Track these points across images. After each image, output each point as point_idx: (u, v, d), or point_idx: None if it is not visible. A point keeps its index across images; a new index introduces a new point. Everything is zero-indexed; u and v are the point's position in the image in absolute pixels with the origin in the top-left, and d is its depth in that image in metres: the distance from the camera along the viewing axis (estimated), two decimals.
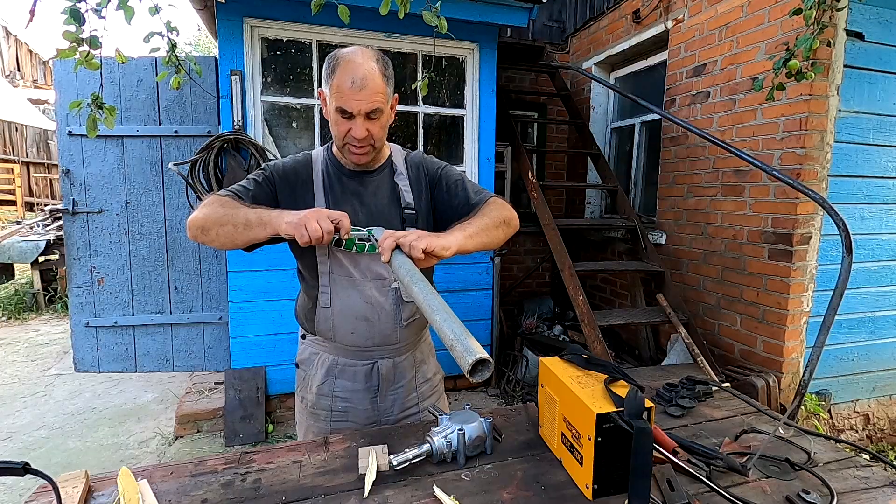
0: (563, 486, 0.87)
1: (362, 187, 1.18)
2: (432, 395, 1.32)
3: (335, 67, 1.05)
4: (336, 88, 1.05)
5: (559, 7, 4.59)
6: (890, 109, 2.52)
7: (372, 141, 1.10)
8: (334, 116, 1.08)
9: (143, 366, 3.58)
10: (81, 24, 1.69)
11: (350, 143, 1.10)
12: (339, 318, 1.16)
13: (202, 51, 18.49)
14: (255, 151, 2.83)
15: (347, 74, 1.03)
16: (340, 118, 1.07)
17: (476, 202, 1.17)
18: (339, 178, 1.19)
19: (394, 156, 1.24)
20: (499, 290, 3.48)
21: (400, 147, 1.29)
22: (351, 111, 1.05)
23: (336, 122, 1.09)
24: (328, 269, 1.15)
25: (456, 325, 0.81)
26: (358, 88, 1.03)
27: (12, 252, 5.30)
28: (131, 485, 0.84)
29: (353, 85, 1.03)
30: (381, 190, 1.20)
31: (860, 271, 2.58)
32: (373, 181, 1.20)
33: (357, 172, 1.19)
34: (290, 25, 2.85)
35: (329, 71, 1.07)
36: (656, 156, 3.47)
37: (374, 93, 1.04)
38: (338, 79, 1.04)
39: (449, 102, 3.27)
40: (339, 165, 1.20)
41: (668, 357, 2.94)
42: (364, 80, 1.03)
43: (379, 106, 1.07)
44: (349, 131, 1.08)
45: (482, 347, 0.77)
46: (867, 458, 0.99)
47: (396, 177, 1.21)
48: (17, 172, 10.13)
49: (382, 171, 1.21)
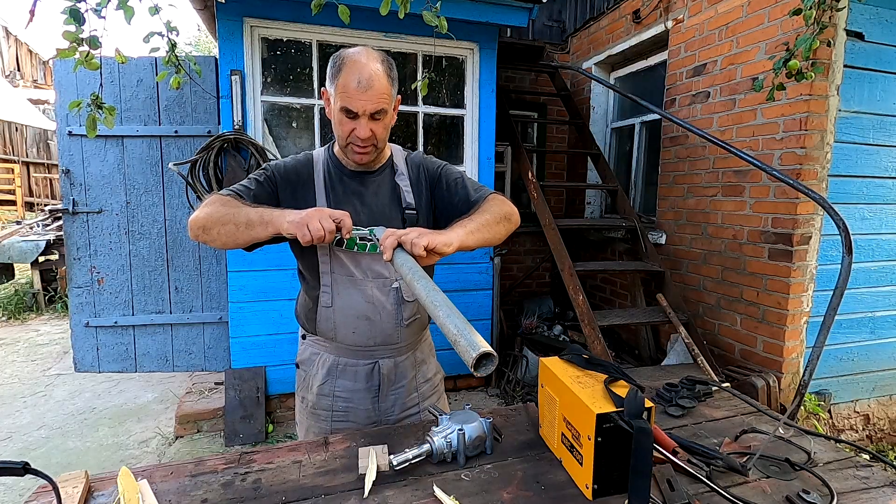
0: (563, 486, 0.87)
1: (363, 187, 1.19)
2: (433, 395, 1.32)
3: (341, 67, 1.05)
4: (342, 88, 1.05)
5: (559, 7, 4.59)
6: (890, 109, 2.52)
7: (375, 141, 1.11)
8: (338, 116, 1.08)
9: (143, 366, 3.58)
10: (81, 24, 1.69)
11: (353, 142, 1.10)
12: (341, 317, 1.16)
13: (202, 51, 18.49)
14: (255, 151, 2.83)
15: (353, 75, 1.03)
16: (345, 118, 1.07)
17: (476, 199, 1.17)
18: (341, 178, 1.19)
19: (395, 156, 1.25)
20: (499, 290, 3.48)
21: (400, 147, 1.29)
22: (356, 111, 1.05)
23: (340, 121, 1.09)
24: (329, 269, 1.15)
25: (459, 320, 0.80)
26: (364, 89, 1.03)
27: (12, 252, 5.30)
28: (131, 485, 0.84)
29: (358, 85, 1.03)
30: (382, 190, 1.20)
31: (860, 271, 2.59)
32: (374, 181, 1.20)
33: (358, 172, 1.19)
34: (290, 25, 2.85)
35: (334, 70, 1.07)
36: (656, 156, 3.47)
37: (379, 94, 1.05)
38: (343, 78, 1.04)
39: (449, 102, 3.27)
40: (340, 165, 1.20)
41: (668, 357, 2.94)
42: (370, 80, 1.03)
43: (384, 107, 1.07)
44: (353, 131, 1.08)
45: (486, 341, 0.77)
46: (867, 458, 0.99)
47: (397, 177, 1.21)
48: (17, 172, 10.13)
49: (383, 171, 1.22)
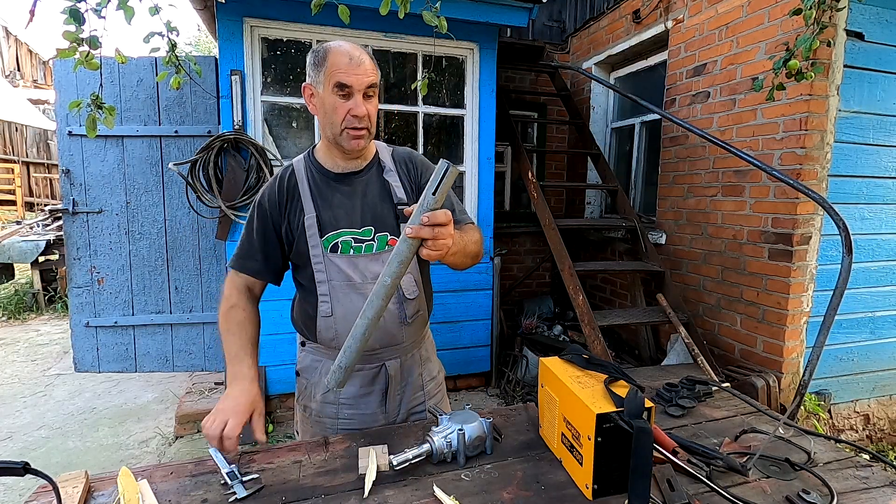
0: (563, 486, 0.87)
1: (351, 188, 1.17)
2: (437, 394, 1.31)
3: (326, 55, 1.07)
4: (332, 67, 1.06)
5: (559, 7, 4.59)
6: (890, 109, 2.52)
7: (368, 123, 1.11)
8: (331, 100, 1.07)
9: (143, 366, 3.58)
10: (81, 24, 1.69)
11: (349, 125, 1.08)
12: (342, 324, 1.13)
13: (202, 51, 18.49)
14: (255, 151, 2.83)
15: (343, 55, 1.06)
16: (338, 99, 1.07)
17: (460, 220, 1.16)
18: (327, 183, 1.17)
19: (380, 153, 1.23)
20: (499, 290, 3.48)
21: (385, 144, 1.27)
22: (351, 84, 1.05)
23: (333, 105, 1.08)
24: (327, 278, 1.13)
25: (357, 342, 0.89)
26: (356, 64, 1.06)
27: (12, 252, 5.30)
28: (131, 485, 0.84)
29: (350, 62, 1.05)
30: (370, 188, 1.18)
31: (860, 271, 2.58)
32: (361, 181, 1.18)
33: (344, 174, 1.18)
34: (290, 25, 2.85)
35: (318, 60, 1.08)
36: (656, 156, 3.46)
37: (370, 69, 1.08)
38: (332, 60, 1.06)
39: (449, 102, 3.27)
40: (323, 170, 1.18)
41: (668, 357, 2.94)
42: (360, 58, 1.07)
43: (375, 81, 1.09)
44: (348, 112, 1.07)
45: (340, 367, 0.91)
46: (867, 458, 0.99)
47: (386, 173, 1.20)
48: (17, 172, 10.13)
49: (370, 170, 1.20)
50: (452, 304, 3.28)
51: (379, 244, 1.16)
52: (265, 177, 2.85)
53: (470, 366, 3.44)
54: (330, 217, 1.14)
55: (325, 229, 1.13)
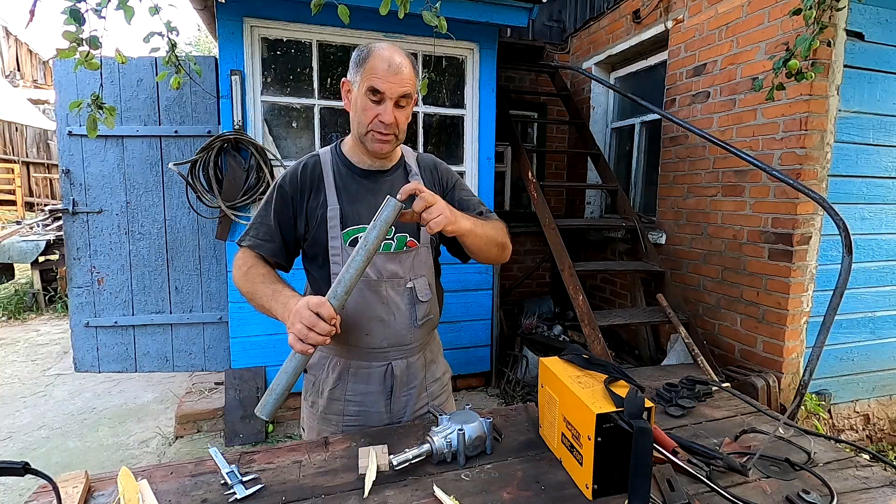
0: (563, 486, 0.87)
1: (377, 186, 1.18)
2: (442, 395, 1.31)
3: (368, 56, 1.08)
4: (370, 70, 1.06)
5: (559, 7, 4.59)
6: (890, 109, 2.52)
7: (396, 130, 1.11)
8: (362, 101, 1.08)
9: (143, 366, 3.58)
10: (81, 24, 1.69)
11: (375, 129, 1.09)
12: (354, 320, 1.14)
13: (202, 51, 18.49)
14: (255, 151, 2.83)
15: (383, 60, 1.06)
16: (369, 102, 1.08)
17: (485, 213, 1.24)
18: (352, 177, 1.18)
19: (406, 156, 1.25)
20: (499, 290, 3.48)
21: (410, 148, 1.29)
22: (383, 91, 1.06)
23: (364, 107, 1.08)
24: None
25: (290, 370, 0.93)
26: (394, 72, 1.06)
27: (12, 252, 5.30)
28: (131, 485, 0.84)
29: (388, 68, 1.05)
30: (395, 190, 1.18)
31: (860, 271, 2.58)
32: (387, 181, 1.19)
33: (371, 172, 1.19)
34: (290, 25, 2.85)
35: (361, 59, 1.08)
36: (656, 156, 3.46)
37: (407, 78, 1.08)
38: (372, 62, 1.06)
39: (449, 102, 3.27)
40: (350, 164, 1.19)
41: (668, 357, 2.94)
42: (399, 66, 1.07)
43: (410, 91, 1.09)
44: (377, 116, 1.08)
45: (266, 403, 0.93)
46: (867, 458, 0.99)
47: (411, 177, 1.21)
48: (17, 172, 10.13)
49: (396, 171, 1.22)
50: (453, 304, 3.28)
51: (398, 244, 1.16)
52: (265, 177, 2.86)
53: (470, 366, 3.45)
54: (352, 211, 1.14)
55: (347, 223, 1.14)
